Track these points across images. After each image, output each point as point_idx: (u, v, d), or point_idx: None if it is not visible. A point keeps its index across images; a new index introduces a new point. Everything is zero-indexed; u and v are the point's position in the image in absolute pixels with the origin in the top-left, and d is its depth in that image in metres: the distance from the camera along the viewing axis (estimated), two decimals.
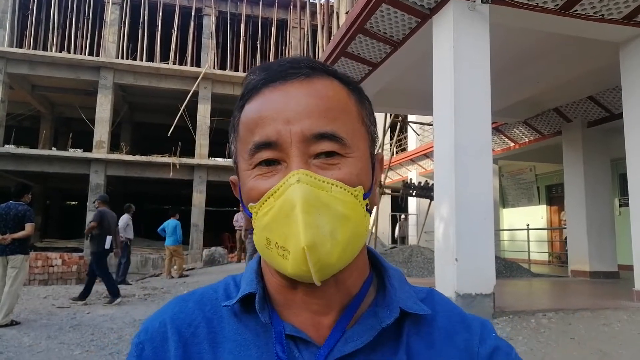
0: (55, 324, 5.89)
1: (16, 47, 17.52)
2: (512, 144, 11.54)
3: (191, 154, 17.87)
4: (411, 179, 14.04)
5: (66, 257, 12.19)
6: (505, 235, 14.74)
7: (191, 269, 13.62)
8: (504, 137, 11.51)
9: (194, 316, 0.60)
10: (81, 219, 17.32)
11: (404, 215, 17.54)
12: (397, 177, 18.05)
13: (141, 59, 18.05)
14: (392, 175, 17.75)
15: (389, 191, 15.09)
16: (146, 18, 18.34)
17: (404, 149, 19.66)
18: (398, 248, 10.98)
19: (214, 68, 18.53)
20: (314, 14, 18.87)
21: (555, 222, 13.93)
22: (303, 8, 19.58)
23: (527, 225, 12.66)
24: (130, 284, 10.56)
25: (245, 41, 19.44)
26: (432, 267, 7.37)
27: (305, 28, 19.41)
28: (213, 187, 17.76)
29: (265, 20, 20.05)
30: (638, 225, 5.47)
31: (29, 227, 6.07)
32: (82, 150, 19.11)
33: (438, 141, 5.14)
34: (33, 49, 17.60)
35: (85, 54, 17.97)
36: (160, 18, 18.41)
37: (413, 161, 16.48)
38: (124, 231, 10.82)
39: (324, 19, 16.51)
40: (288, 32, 20.22)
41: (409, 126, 17.10)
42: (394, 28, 5.96)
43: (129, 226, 11.00)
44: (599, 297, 6.02)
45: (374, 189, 0.60)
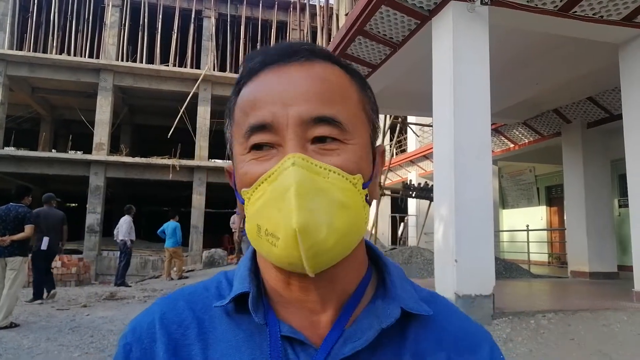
0: (54, 326, 5.88)
1: (16, 50, 17.55)
2: (512, 145, 11.54)
3: (191, 155, 17.88)
4: (411, 180, 14.04)
5: (65, 259, 12.16)
6: (505, 236, 14.73)
7: (191, 270, 13.61)
8: (503, 138, 11.51)
9: (184, 316, 0.57)
10: (81, 221, 17.32)
11: (407, 218, 17.55)
12: (397, 179, 18.05)
13: (141, 61, 18.07)
14: (391, 177, 17.75)
15: (388, 192, 15.11)
16: (146, 20, 18.36)
17: (404, 150, 19.67)
18: (398, 249, 10.98)
19: (214, 70, 18.55)
20: (313, 15, 18.89)
21: (555, 223, 13.93)
22: (303, 10, 19.60)
23: (527, 226, 12.66)
24: (129, 286, 10.56)
25: (245, 43, 19.47)
26: (431, 268, 7.37)
27: (305, 30, 19.43)
28: (213, 189, 17.76)
29: (265, 22, 20.08)
30: (638, 226, 5.47)
31: (28, 229, 6.09)
32: (82, 152, 19.11)
33: (438, 142, 5.15)
34: (33, 52, 17.62)
35: (85, 57, 17.99)
36: (160, 20, 18.43)
37: (413, 162, 16.48)
38: (127, 233, 10.83)
39: (323, 21, 16.53)
40: (288, 34, 20.24)
41: (408, 127, 17.10)
42: (393, 30, 5.97)
43: (132, 228, 11.00)
44: (598, 298, 6.01)
45: (374, 180, 0.58)
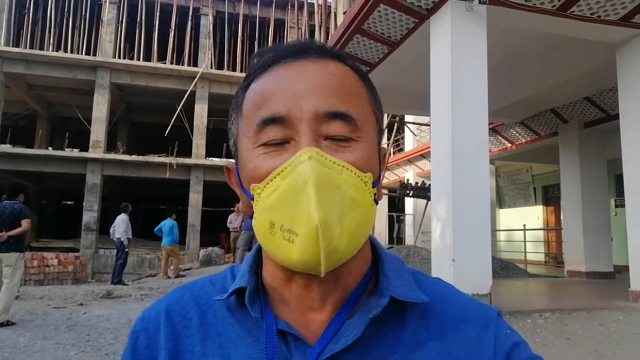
0: (51, 324, 5.86)
1: (13, 46, 17.47)
2: (509, 145, 11.56)
3: (188, 154, 17.84)
4: (408, 180, 14.07)
5: (62, 257, 12.13)
6: (501, 236, 14.76)
7: (188, 269, 13.60)
8: (500, 137, 11.53)
9: (188, 308, 0.59)
10: (77, 219, 17.27)
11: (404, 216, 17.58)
12: (394, 178, 18.06)
13: (138, 59, 18.03)
14: (389, 176, 17.76)
15: (385, 191, 15.09)
16: (143, 17, 18.30)
17: (401, 149, 19.67)
18: (395, 248, 11.00)
19: (212, 68, 18.51)
20: (311, 14, 18.88)
21: (551, 223, 13.97)
22: (301, 8, 19.58)
23: (524, 225, 12.68)
24: (126, 284, 10.54)
25: (243, 41, 19.42)
26: (428, 268, 7.37)
27: (303, 28, 19.42)
28: (210, 187, 17.74)
29: (262, 20, 20.04)
30: (633, 226, 5.49)
31: (25, 224, 6.08)
32: (78, 149, 19.06)
33: (435, 142, 5.15)
34: (30, 48, 17.55)
35: (82, 54, 17.93)
36: (158, 17, 18.37)
37: (410, 161, 16.49)
38: (124, 232, 10.81)
39: (321, 19, 16.52)
40: (286, 32, 20.21)
41: (406, 126, 17.10)
42: (391, 28, 5.96)
43: (128, 226, 10.98)
44: (595, 298, 6.03)
45: (380, 182, 0.57)
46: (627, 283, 5.61)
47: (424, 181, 12.49)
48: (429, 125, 11.62)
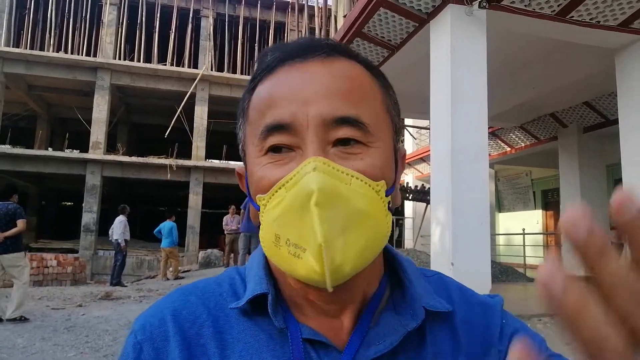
0: (49, 325, 5.85)
1: (13, 47, 17.46)
2: (509, 149, 11.58)
3: (188, 155, 17.83)
4: (408, 183, 14.06)
5: (61, 258, 12.11)
6: (501, 240, 14.76)
7: (187, 270, 13.57)
8: (500, 141, 11.55)
9: (198, 313, 0.53)
10: (77, 220, 17.26)
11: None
12: None
13: (138, 60, 18.03)
14: None
15: None
16: (144, 19, 18.32)
17: None
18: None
19: (212, 70, 18.51)
20: (311, 17, 18.92)
21: (550, 227, 13.97)
22: (301, 11, 19.61)
23: (523, 229, 12.69)
24: (125, 286, 10.52)
25: (243, 43, 19.44)
26: None
27: (303, 31, 19.44)
28: (210, 189, 17.73)
29: (263, 22, 20.06)
30: None
31: (20, 223, 6.07)
32: (78, 151, 19.04)
33: (435, 145, 5.16)
34: (30, 49, 17.54)
35: (82, 55, 17.92)
36: (158, 19, 18.39)
37: (410, 165, 16.49)
38: (122, 233, 10.81)
39: (321, 22, 16.55)
40: (286, 35, 20.23)
41: (405, 130, 17.12)
42: (391, 32, 5.98)
43: (126, 227, 10.98)
44: None
45: (396, 186, 0.54)
46: None
47: (423, 184, 12.50)
48: (428, 129, 11.64)
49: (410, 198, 12.37)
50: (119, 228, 10.83)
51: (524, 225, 13.38)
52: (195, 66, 18.66)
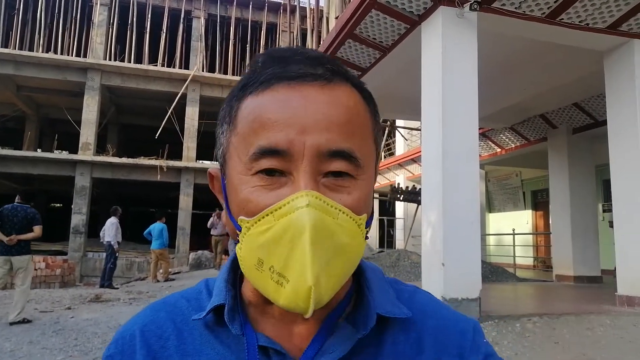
0: (37, 328, 5.79)
1: (2, 47, 17.28)
2: (499, 150, 11.66)
3: (179, 156, 17.76)
4: (399, 184, 14.10)
5: (50, 261, 12.00)
6: (491, 240, 14.86)
7: (177, 272, 13.50)
8: (490, 142, 11.63)
9: (164, 327, 0.56)
10: (66, 222, 17.09)
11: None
12: (385, 182, 18.11)
13: (129, 61, 17.92)
14: (379, 180, 17.80)
15: (376, 195, 15.13)
16: (135, 19, 18.22)
17: (392, 154, 19.74)
18: (385, 252, 11.02)
19: (203, 71, 18.46)
20: (303, 18, 18.90)
21: (540, 227, 14.09)
22: (293, 12, 19.60)
23: (513, 230, 12.79)
24: (116, 288, 10.44)
25: (235, 44, 19.41)
26: (418, 272, 7.40)
27: (295, 32, 19.43)
28: (200, 190, 17.65)
29: (254, 23, 20.04)
30: (621, 231, 5.55)
31: (37, 229, 6.26)
32: (67, 152, 18.88)
33: (426, 146, 5.18)
34: (19, 49, 17.37)
35: (72, 55, 17.79)
36: (149, 20, 18.30)
37: (401, 166, 16.56)
38: (114, 236, 10.72)
39: (313, 23, 16.54)
40: (278, 36, 20.23)
41: (397, 131, 17.19)
42: (383, 34, 6.00)
43: (118, 229, 10.90)
44: (582, 302, 6.09)
45: (372, 215, 0.55)
46: (614, 287, 5.68)
47: (414, 185, 12.55)
48: (419, 130, 11.68)
49: (401, 199, 12.41)
50: (111, 230, 10.75)
51: (514, 226, 13.49)
52: (187, 67, 18.60)
